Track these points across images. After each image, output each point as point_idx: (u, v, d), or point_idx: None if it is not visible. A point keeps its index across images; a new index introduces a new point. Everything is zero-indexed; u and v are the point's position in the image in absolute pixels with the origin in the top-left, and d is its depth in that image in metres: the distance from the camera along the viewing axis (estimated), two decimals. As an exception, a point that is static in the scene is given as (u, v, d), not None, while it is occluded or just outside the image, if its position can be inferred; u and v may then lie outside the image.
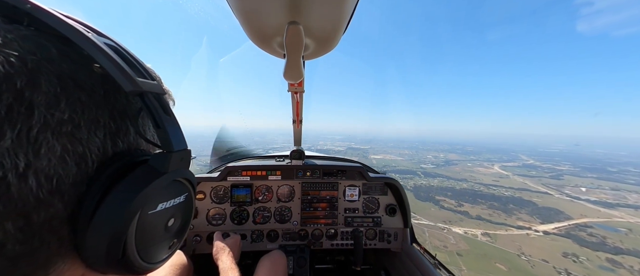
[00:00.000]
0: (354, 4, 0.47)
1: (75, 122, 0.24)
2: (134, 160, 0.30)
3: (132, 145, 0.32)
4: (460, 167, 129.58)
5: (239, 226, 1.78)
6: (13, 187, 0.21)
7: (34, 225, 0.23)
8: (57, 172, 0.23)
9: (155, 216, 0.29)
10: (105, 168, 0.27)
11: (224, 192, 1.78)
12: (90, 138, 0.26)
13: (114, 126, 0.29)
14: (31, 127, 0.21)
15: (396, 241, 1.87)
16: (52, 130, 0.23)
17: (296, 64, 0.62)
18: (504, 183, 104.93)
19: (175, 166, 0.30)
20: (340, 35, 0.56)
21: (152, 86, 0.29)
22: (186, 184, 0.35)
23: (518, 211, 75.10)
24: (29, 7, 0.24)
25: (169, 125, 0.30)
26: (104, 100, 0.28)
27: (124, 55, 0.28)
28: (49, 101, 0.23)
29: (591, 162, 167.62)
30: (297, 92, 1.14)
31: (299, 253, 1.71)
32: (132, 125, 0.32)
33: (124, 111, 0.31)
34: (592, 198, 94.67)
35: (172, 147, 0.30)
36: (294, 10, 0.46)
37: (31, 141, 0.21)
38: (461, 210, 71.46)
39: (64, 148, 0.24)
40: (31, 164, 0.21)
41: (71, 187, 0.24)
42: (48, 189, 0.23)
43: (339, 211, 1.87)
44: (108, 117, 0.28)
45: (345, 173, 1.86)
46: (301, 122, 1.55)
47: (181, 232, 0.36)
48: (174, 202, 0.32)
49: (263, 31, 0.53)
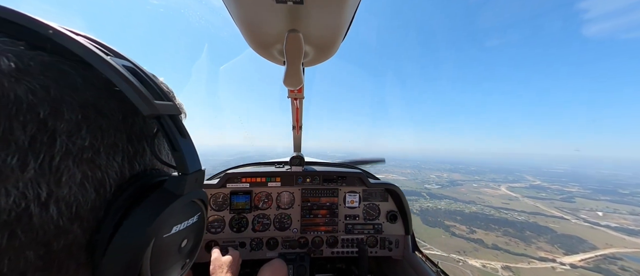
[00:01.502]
0: (353, 12, 0.48)
1: (95, 148, 0.25)
2: (151, 182, 0.30)
3: (148, 166, 0.32)
4: (465, 188, 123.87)
5: (238, 234, 1.75)
6: (35, 217, 0.21)
7: (54, 252, 0.23)
8: (77, 198, 0.23)
9: (170, 239, 0.29)
10: (122, 192, 0.27)
11: (223, 199, 1.75)
12: (108, 163, 0.26)
13: (131, 149, 0.29)
14: (53, 156, 0.22)
15: (397, 249, 1.84)
16: (73, 157, 0.23)
17: (296, 71, 0.62)
18: (515, 206, 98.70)
19: (190, 188, 0.30)
20: (339, 43, 0.56)
21: (169, 108, 0.29)
22: (199, 204, 0.35)
23: (536, 239, 68.72)
24: (51, 32, 0.24)
25: (185, 146, 0.30)
26: (123, 124, 0.28)
27: (142, 76, 0.28)
28: (70, 129, 0.23)
29: (600, 183, 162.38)
30: (297, 98, 1.14)
31: (299, 262, 1.69)
32: (148, 146, 0.32)
33: (141, 133, 0.31)
34: (612, 223, 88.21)
35: (187, 169, 0.29)
36: (293, 19, 0.46)
37: (53, 170, 0.22)
38: (474, 237, 64.92)
39: (84, 174, 0.24)
40: (53, 193, 0.22)
41: (90, 213, 0.25)
42: (68, 216, 0.23)
43: (339, 218, 1.84)
44: (126, 140, 0.28)
45: (345, 179, 1.83)
46: (301, 128, 1.57)
47: (193, 252, 0.36)
48: (188, 223, 0.32)
49: (263, 39, 0.54)
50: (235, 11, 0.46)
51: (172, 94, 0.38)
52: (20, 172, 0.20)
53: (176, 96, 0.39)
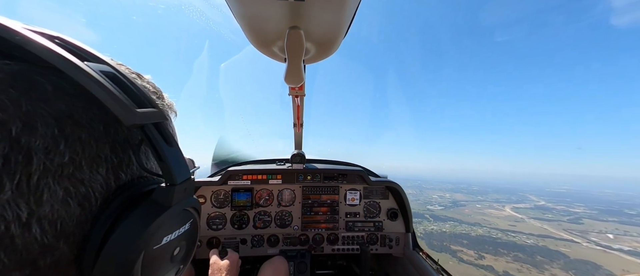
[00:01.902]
0: (354, 9, 0.48)
1: (76, 163, 0.23)
2: (139, 192, 0.29)
3: (135, 174, 0.30)
4: (469, 209, 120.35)
5: (240, 231, 1.78)
6: (17, 238, 0.20)
7: (41, 270, 0.22)
8: (60, 215, 0.22)
9: (161, 249, 0.28)
10: (109, 204, 0.26)
11: (225, 196, 1.78)
12: (92, 177, 0.25)
13: (116, 159, 0.28)
14: (31, 175, 0.20)
15: (398, 246, 1.86)
16: (52, 174, 0.22)
17: (297, 68, 0.62)
18: (522, 229, 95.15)
19: (179, 199, 0.29)
20: (340, 40, 0.57)
21: (152, 115, 0.27)
22: (191, 211, 0.34)
23: (549, 265, 65.14)
24: (19, 38, 0.21)
25: (171, 156, 0.28)
26: (105, 134, 0.26)
27: (121, 81, 0.26)
28: (47, 145, 0.21)
29: (606, 204, 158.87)
30: (298, 96, 1.14)
31: (300, 258, 1.72)
32: (134, 155, 0.30)
33: (126, 141, 0.29)
34: (624, 247, 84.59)
35: (175, 180, 0.28)
36: (295, 15, 0.47)
37: (32, 189, 0.20)
38: (484, 263, 61.44)
39: (66, 191, 0.23)
40: (34, 212, 0.21)
41: (76, 228, 0.24)
42: (53, 234, 0.22)
43: (340, 215, 1.86)
44: (109, 150, 0.27)
45: (346, 177, 1.87)
46: (302, 125, 1.58)
47: (187, 258, 0.36)
48: (179, 232, 0.31)
49: (264, 36, 0.54)
50: (236, 8, 0.46)
51: (159, 94, 0.36)
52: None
53: (165, 95, 0.37)
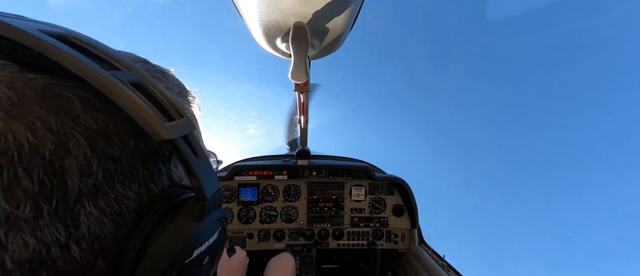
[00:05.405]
0: (359, 5, 0.47)
1: (109, 182, 0.23)
2: (171, 203, 0.29)
3: (165, 185, 0.31)
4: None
5: (246, 226, 1.84)
6: (58, 259, 0.20)
7: None
8: (97, 234, 0.23)
9: (192, 262, 0.29)
10: (141, 218, 0.26)
11: (231, 191, 1.83)
12: (125, 193, 0.25)
13: (147, 173, 0.28)
14: (67, 198, 0.20)
15: (403, 242, 1.90)
16: (87, 196, 0.22)
17: (302, 64, 0.62)
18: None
19: (209, 211, 0.29)
20: (345, 36, 0.56)
21: (181, 127, 0.26)
22: (220, 221, 0.34)
23: None
24: (43, 48, 0.19)
25: (201, 170, 0.28)
26: (135, 149, 0.26)
27: (150, 90, 0.26)
28: (80, 166, 0.21)
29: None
30: (303, 92, 1.14)
31: (306, 253, 1.78)
32: (164, 166, 0.30)
33: (156, 153, 0.29)
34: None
35: (205, 195, 0.28)
36: (299, 11, 0.46)
37: (69, 212, 0.21)
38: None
39: (101, 210, 0.23)
40: (72, 234, 0.21)
41: (112, 244, 0.24)
42: (90, 252, 0.22)
43: (345, 211, 1.91)
44: (140, 165, 0.27)
45: (351, 173, 1.89)
46: (307, 121, 1.61)
47: (213, 266, 0.36)
48: (208, 243, 0.31)
49: (269, 31, 0.53)
50: (241, 3, 0.46)
51: (183, 91, 0.36)
52: (35, 220, 0.19)
53: (188, 90, 0.37)
